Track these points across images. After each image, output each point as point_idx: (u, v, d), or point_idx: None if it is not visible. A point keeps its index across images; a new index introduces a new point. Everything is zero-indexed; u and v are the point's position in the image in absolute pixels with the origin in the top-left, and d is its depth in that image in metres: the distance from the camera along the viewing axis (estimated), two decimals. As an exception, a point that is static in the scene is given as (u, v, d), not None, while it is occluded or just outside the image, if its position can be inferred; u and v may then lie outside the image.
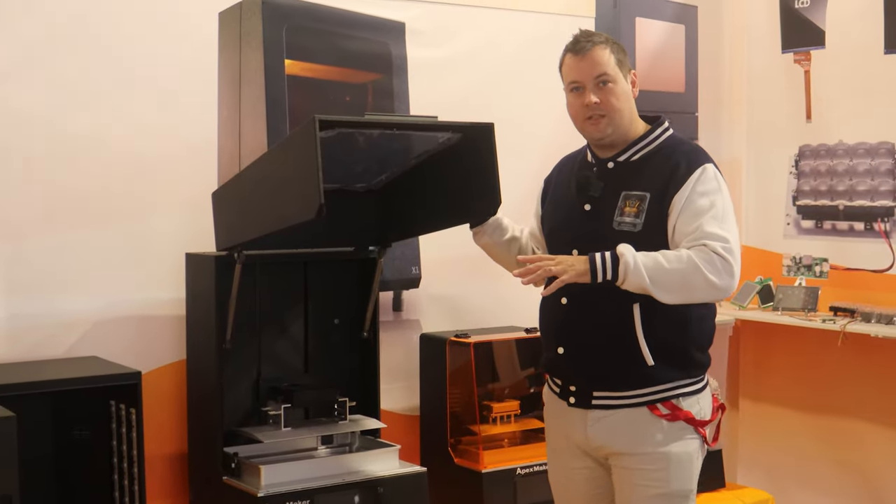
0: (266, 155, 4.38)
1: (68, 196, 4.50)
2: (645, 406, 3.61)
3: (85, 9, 4.51)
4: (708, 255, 3.41)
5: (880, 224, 5.75)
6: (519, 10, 5.72)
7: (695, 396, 3.66)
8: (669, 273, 3.41)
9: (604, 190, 3.69)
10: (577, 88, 3.70)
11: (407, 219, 4.63)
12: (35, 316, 4.44)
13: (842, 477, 6.04)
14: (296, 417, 4.48)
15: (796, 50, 6.17)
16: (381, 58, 5.29)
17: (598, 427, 3.67)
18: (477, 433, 5.10)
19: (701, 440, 3.68)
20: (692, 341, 3.66)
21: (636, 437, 3.63)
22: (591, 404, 3.68)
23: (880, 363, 5.78)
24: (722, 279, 3.43)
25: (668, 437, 3.62)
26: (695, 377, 3.68)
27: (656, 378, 3.60)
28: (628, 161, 3.71)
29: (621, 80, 3.67)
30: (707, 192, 3.54)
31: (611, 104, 3.66)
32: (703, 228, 3.47)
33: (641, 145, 3.71)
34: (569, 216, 3.80)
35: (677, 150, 3.68)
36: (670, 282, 3.41)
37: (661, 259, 3.42)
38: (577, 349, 3.71)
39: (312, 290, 4.73)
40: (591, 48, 3.65)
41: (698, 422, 3.64)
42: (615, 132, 3.69)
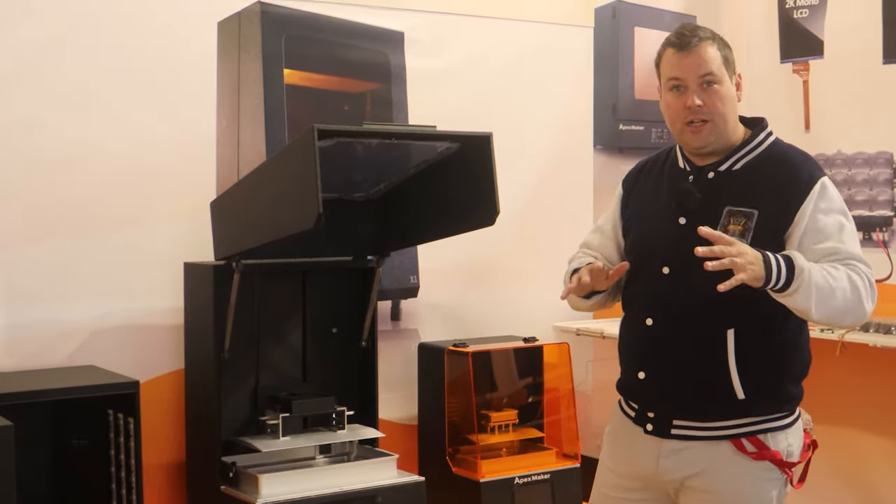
0: (264, 164, 4.38)
1: (67, 205, 4.50)
2: (728, 440, 3.19)
3: (84, 17, 4.52)
4: (862, 279, 3.08)
5: (879, 234, 5.75)
6: (518, 20, 5.72)
7: (784, 432, 3.24)
8: (835, 298, 3.04)
9: (703, 203, 3.23)
10: (679, 87, 3.24)
11: (405, 228, 4.63)
12: (34, 325, 4.44)
13: (840, 486, 6.03)
14: (294, 427, 4.48)
15: (795, 60, 6.17)
16: (379, 67, 5.30)
17: (673, 459, 3.23)
18: (475, 442, 5.09)
19: (785, 481, 3.25)
20: (787, 373, 3.26)
21: (714, 474, 3.20)
22: (670, 433, 3.24)
23: (879, 373, 5.77)
24: (871, 303, 3.11)
25: (749, 476, 3.20)
26: (786, 411, 3.26)
27: (744, 410, 3.18)
28: (730, 171, 3.26)
29: (727, 82, 3.24)
30: (832, 210, 3.15)
31: (716, 108, 3.21)
32: (847, 249, 3.12)
33: (744, 152, 3.27)
34: (661, 229, 3.32)
35: (787, 160, 3.25)
36: (833, 306, 3.05)
37: (830, 279, 3.04)
38: (661, 375, 3.27)
39: (311, 299, 4.73)
40: (697, 44, 3.21)
41: (786, 463, 3.22)
42: (717, 140, 3.25)
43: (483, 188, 4.22)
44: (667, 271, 3.25)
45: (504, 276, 5.67)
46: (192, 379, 4.61)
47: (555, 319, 5.78)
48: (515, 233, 5.56)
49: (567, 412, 5.39)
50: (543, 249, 5.64)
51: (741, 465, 3.18)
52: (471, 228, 4.43)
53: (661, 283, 3.27)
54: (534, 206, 5.73)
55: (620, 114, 6.06)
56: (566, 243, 3.78)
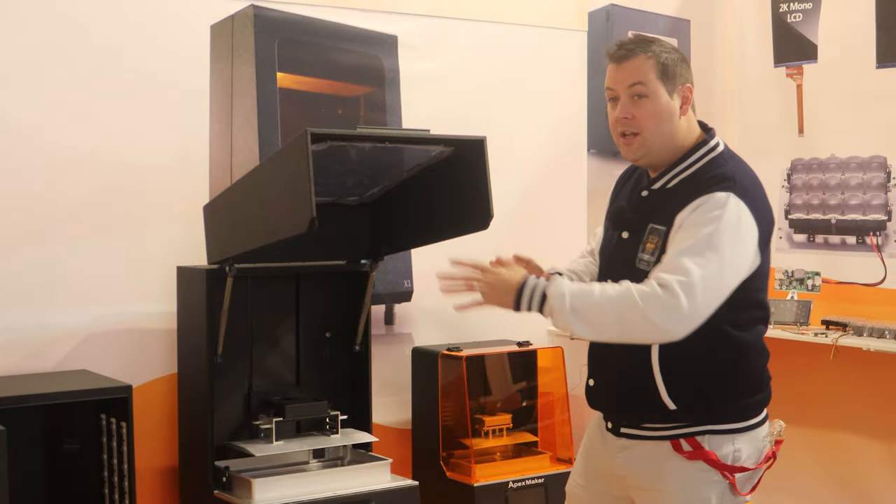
0: (258, 168, 4.37)
1: (59, 208, 4.50)
2: (667, 440, 3.23)
3: (77, 21, 4.51)
4: (652, 290, 2.98)
5: (872, 238, 5.75)
6: (511, 24, 5.72)
7: (730, 437, 3.23)
8: (597, 306, 3.04)
9: (635, 220, 3.27)
10: (613, 99, 3.26)
11: (399, 232, 4.63)
12: (25, 329, 4.43)
13: (834, 489, 6.03)
14: (287, 431, 4.47)
15: (789, 64, 6.17)
16: (373, 71, 5.29)
17: (622, 456, 3.32)
18: (469, 447, 5.09)
19: (728, 486, 3.22)
20: (721, 385, 3.24)
21: (654, 472, 3.26)
22: (619, 433, 3.33)
23: (872, 377, 5.77)
24: (665, 318, 2.98)
25: (686, 475, 3.22)
26: (727, 420, 3.25)
27: (680, 417, 3.21)
28: (664, 188, 3.26)
29: (662, 97, 3.20)
30: (700, 223, 3.07)
31: (644, 122, 3.20)
32: (671, 260, 3.04)
33: (680, 169, 3.25)
34: (609, 241, 3.40)
35: (708, 174, 3.19)
36: (596, 317, 3.04)
37: (595, 290, 3.06)
38: (605, 384, 3.36)
39: (304, 303, 4.72)
40: (629, 56, 3.22)
41: (723, 465, 3.20)
42: (648, 155, 3.25)
43: (477, 192, 4.22)
44: (609, 283, 3.23)
45: (498, 280, 5.65)
46: (185, 383, 4.60)
47: (549, 324, 5.75)
48: (509, 237, 5.54)
49: (561, 416, 5.39)
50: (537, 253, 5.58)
51: (678, 464, 3.22)
52: (465, 232, 4.43)
53: None
54: (528, 210, 5.73)
55: (614, 118, 6.05)
56: (560, 247, 3.79)
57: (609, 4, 6.10)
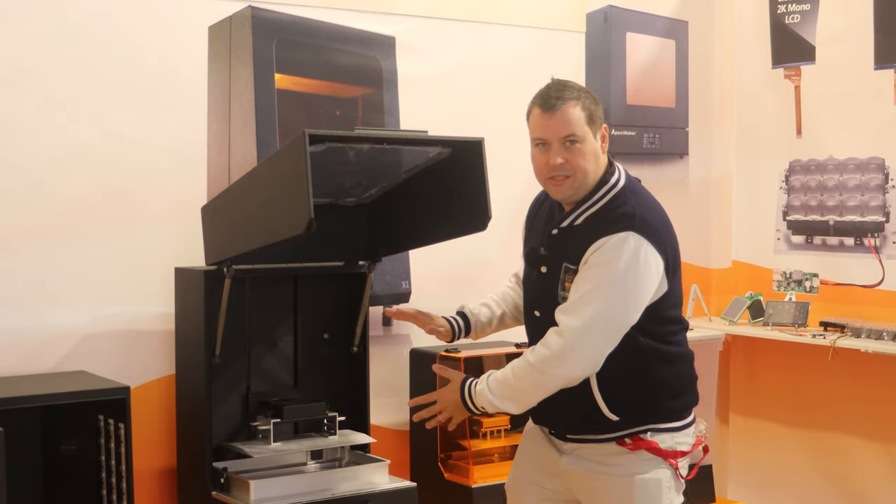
0: (256, 169, 4.37)
1: (57, 209, 4.49)
2: (612, 441, 3.52)
3: (75, 22, 4.51)
4: (548, 352, 3.36)
5: (870, 239, 5.75)
6: (509, 25, 5.72)
7: (668, 433, 3.54)
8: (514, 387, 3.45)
9: (551, 259, 3.55)
10: (543, 144, 3.52)
11: (397, 233, 4.62)
12: (23, 330, 4.42)
13: (832, 491, 6.04)
14: (285, 432, 4.47)
15: (787, 65, 6.19)
16: (371, 72, 5.29)
17: (570, 457, 3.62)
18: (467, 448, 5.09)
19: (672, 471, 3.53)
20: (658, 393, 3.54)
21: (604, 465, 3.54)
22: (566, 437, 3.63)
23: (870, 378, 5.78)
24: (568, 369, 3.38)
25: (634, 464, 3.51)
26: (669, 420, 3.55)
27: (623, 426, 3.50)
28: (572, 226, 3.52)
29: (590, 139, 3.48)
30: (600, 264, 3.36)
31: (577, 164, 3.46)
32: (573, 303, 3.38)
33: (586, 206, 3.51)
34: (531, 275, 3.68)
35: (611, 213, 3.45)
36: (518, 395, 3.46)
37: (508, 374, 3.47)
38: (548, 405, 3.53)
39: (302, 304, 4.72)
40: (560, 106, 3.46)
41: (663, 451, 3.50)
42: (577, 192, 3.50)
43: (475, 193, 4.22)
44: (538, 314, 3.62)
45: (495, 282, 5.62)
46: (182, 384, 4.60)
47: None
48: (507, 238, 5.54)
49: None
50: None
51: (624, 456, 3.52)
52: (462, 234, 4.43)
53: (535, 324, 3.64)
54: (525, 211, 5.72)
55: (612, 119, 6.05)
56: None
57: (607, 6, 6.11)
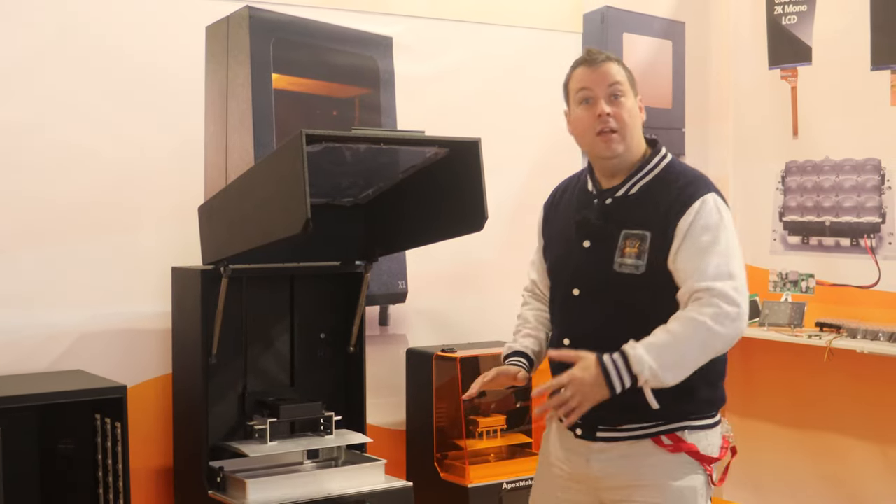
0: (253, 169, 4.37)
1: (54, 208, 4.50)
2: (648, 438, 3.35)
3: (73, 22, 4.51)
4: (720, 309, 3.15)
5: (866, 240, 5.76)
6: (506, 26, 5.72)
7: (702, 432, 3.38)
8: (680, 352, 3.17)
9: (604, 228, 3.38)
10: (588, 100, 3.42)
11: (393, 233, 4.63)
12: (20, 329, 4.43)
13: (828, 492, 6.04)
14: (281, 432, 4.48)
15: (783, 66, 6.19)
16: (368, 72, 5.30)
17: (601, 458, 3.40)
18: (463, 448, 5.09)
19: (706, 477, 3.38)
20: (700, 380, 3.31)
21: (638, 468, 3.36)
22: (596, 436, 3.40)
23: (866, 379, 5.78)
24: (734, 329, 3.18)
25: (670, 469, 3.34)
26: (705, 413, 3.40)
27: (662, 416, 3.31)
28: (627, 195, 3.40)
29: (632, 99, 3.42)
30: (709, 227, 3.26)
31: (623, 119, 3.38)
32: (709, 269, 3.20)
33: (640, 175, 3.41)
34: (569, 252, 3.49)
35: (677, 180, 3.38)
36: (682, 361, 3.18)
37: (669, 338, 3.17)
38: None
39: (299, 304, 4.73)
40: (605, 60, 3.43)
41: (703, 457, 3.36)
42: (626, 151, 3.39)
43: (471, 193, 4.22)
44: (577, 293, 3.44)
45: (492, 282, 5.66)
46: (179, 384, 4.60)
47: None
48: (504, 238, 5.56)
49: (555, 418, 5.39)
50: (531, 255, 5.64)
51: (661, 458, 3.35)
52: (459, 234, 4.43)
53: (573, 304, 3.46)
54: (522, 211, 5.71)
55: (609, 119, 6.06)
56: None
57: (604, 6, 6.11)
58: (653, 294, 3.29)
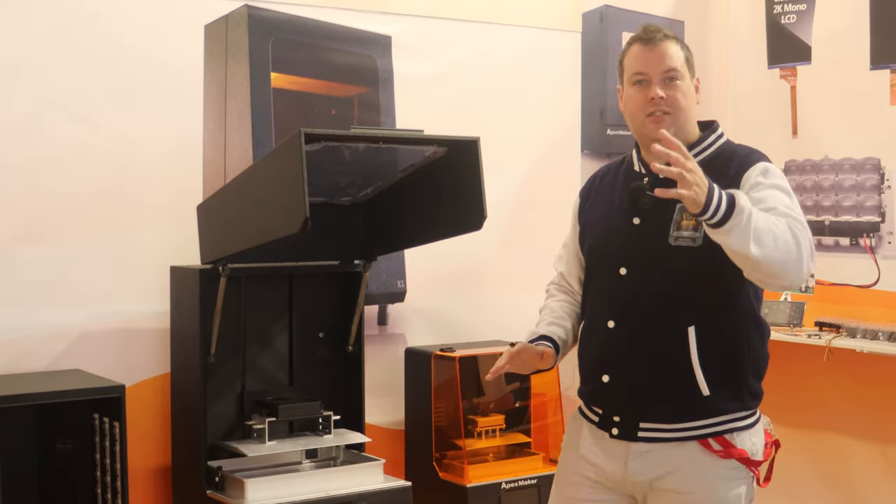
0: (251, 168, 4.37)
1: (53, 207, 4.49)
2: (696, 441, 3.20)
3: (71, 21, 4.51)
4: (805, 236, 3.00)
5: (866, 239, 5.75)
6: (505, 25, 5.72)
7: (748, 432, 3.26)
8: (775, 242, 2.93)
9: (656, 202, 3.15)
10: (642, 81, 3.30)
11: (392, 232, 4.63)
12: (18, 328, 4.42)
13: (827, 491, 6.03)
14: (280, 431, 4.47)
15: (782, 65, 6.18)
16: (367, 71, 5.29)
17: (641, 461, 3.24)
18: (462, 447, 5.09)
19: (752, 480, 3.28)
20: (749, 367, 3.25)
21: (684, 474, 3.20)
22: (637, 436, 3.24)
23: (866, 378, 5.78)
24: (809, 265, 3.01)
25: (718, 475, 3.21)
26: (750, 409, 3.28)
27: (710, 410, 3.19)
28: None
29: (688, 79, 3.35)
30: (774, 186, 3.14)
31: (677, 102, 3.29)
32: (785, 211, 3.05)
33: (696, 151, 3.28)
34: (615, 230, 3.36)
35: (735, 153, 3.30)
36: (772, 250, 2.92)
37: (772, 225, 2.94)
38: (625, 378, 3.27)
39: (297, 303, 4.72)
40: (662, 40, 3.31)
41: (752, 461, 3.24)
42: (677, 134, 3.17)
43: (470, 193, 4.22)
44: (624, 272, 3.29)
45: (491, 281, 5.66)
46: (178, 383, 4.60)
47: (542, 324, 5.78)
48: (502, 237, 5.56)
49: (554, 417, 5.39)
50: (530, 254, 5.64)
51: (709, 464, 3.20)
52: (458, 233, 4.43)
53: (620, 284, 3.30)
54: (521, 210, 5.73)
55: (608, 118, 6.05)
56: (553, 248, 3.76)
57: (603, 5, 6.11)
58: (709, 267, 3.12)
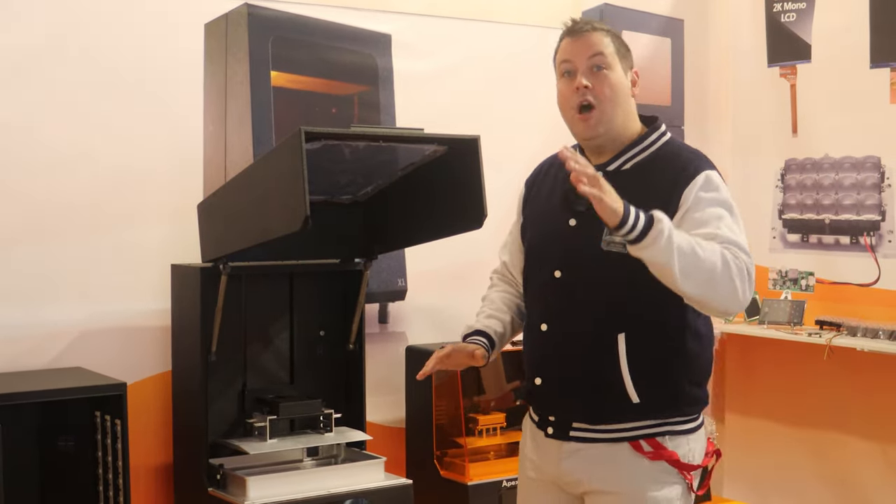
0: (252, 166, 4.38)
1: (54, 206, 4.50)
2: (626, 441, 3.16)
3: (72, 21, 4.51)
4: (738, 261, 2.92)
5: (866, 238, 5.76)
6: (505, 23, 5.72)
7: (684, 437, 3.20)
8: (701, 263, 2.86)
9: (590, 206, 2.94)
10: (569, 72, 3.21)
11: (393, 231, 4.63)
12: (20, 326, 4.43)
13: (827, 490, 6.04)
14: (281, 429, 4.47)
15: (782, 64, 6.19)
16: (367, 70, 5.30)
17: (572, 460, 3.22)
18: (463, 445, 5.09)
19: (686, 486, 3.20)
20: (685, 375, 3.18)
21: (613, 474, 3.18)
22: (569, 436, 3.23)
23: (866, 377, 5.79)
24: (745, 292, 2.94)
25: (648, 477, 3.15)
26: (687, 415, 3.21)
27: (641, 414, 3.14)
28: (619, 170, 3.19)
29: (618, 70, 3.19)
30: (714, 202, 3.06)
31: (603, 92, 3.15)
32: (725, 234, 2.98)
33: (635, 151, 3.20)
34: (551, 231, 3.29)
35: (676, 157, 3.19)
36: (698, 273, 2.87)
37: (696, 245, 2.87)
38: (556, 380, 3.26)
39: (298, 301, 4.73)
40: (589, 30, 3.22)
41: (684, 465, 3.17)
42: (607, 132, 3.18)
43: (470, 191, 4.22)
44: (559, 275, 3.24)
45: (492, 279, 5.66)
46: (179, 381, 4.60)
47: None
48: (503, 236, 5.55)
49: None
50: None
51: (639, 465, 3.16)
52: (458, 231, 4.43)
53: (554, 287, 3.25)
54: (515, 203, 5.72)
55: (608, 117, 6.06)
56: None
57: (603, 4, 6.11)
58: (641, 275, 2.95)
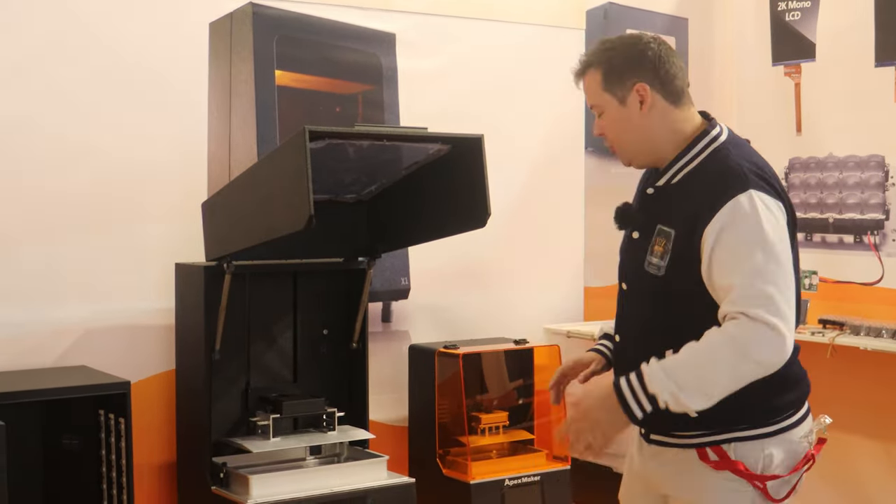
0: (256, 165, 4.38)
1: (58, 204, 4.50)
2: (693, 449, 3.08)
3: (76, 18, 4.51)
4: (753, 331, 2.82)
5: (870, 237, 5.75)
6: (509, 22, 5.72)
7: (759, 442, 3.06)
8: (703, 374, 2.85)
9: (645, 222, 3.08)
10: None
11: (396, 229, 4.63)
12: (24, 324, 4.43)
13: (830, 489, 6.03)
14: (284, 428, 4.48)
15: (787, 62, 6.18)
16: (371, 69, 5.30)
17: (653, 463, 3.22)
18: (465, 444, 5.09)
19: (757, 494, 3.06)
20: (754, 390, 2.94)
21: (682, 481, 3.13)
22: (650, 439, 3.21)
23: (869, 376, 5.77)
24: (773, 353, 2.84)
25: (712, 486, 3.07)
26: (759, 424, 3.08)
27: (703, 424, 3.02)
28: (668, 185, 3.10)
29: (613, 107, 3.12)
30: (740, 239, 2.89)
31: (610, 136, 3.16)
32: (737, 294, 2.84)
33: (682, 163, 3.08)
34: (624, 242, 3.25)
35: (716, 175, 3.01)
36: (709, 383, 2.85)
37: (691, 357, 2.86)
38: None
39: (301, 300, 4.73)
40: (580, 74, 3.23)
41: (751, 475, 3.03)
42: (635, 158, 3.16)
43: (474, 190, 4.22)
44: (625, 287, 3.21)
45: (495, 278, 5.67)
46: (182, 379, 4.61)
47: (546, 321, 5.79)
48: (506, 235, 5.56)
49: (557, 414, 5.38)
50: (534, 251, 5.65)
51: (704, 474, 3.08)
52: (462, 230, 4.44)
53: (622, 298, 3.23)
54: (525, 208, 5.73)
55: (612, 116, 6.06)
56: (557, 245, 3.78)
57: (607, 3, 6.11)
58: (672, 301, 2.98)
